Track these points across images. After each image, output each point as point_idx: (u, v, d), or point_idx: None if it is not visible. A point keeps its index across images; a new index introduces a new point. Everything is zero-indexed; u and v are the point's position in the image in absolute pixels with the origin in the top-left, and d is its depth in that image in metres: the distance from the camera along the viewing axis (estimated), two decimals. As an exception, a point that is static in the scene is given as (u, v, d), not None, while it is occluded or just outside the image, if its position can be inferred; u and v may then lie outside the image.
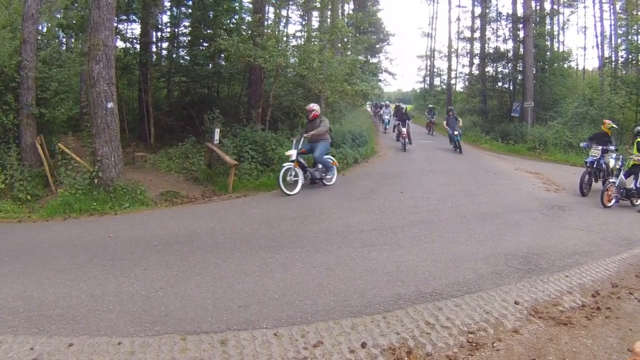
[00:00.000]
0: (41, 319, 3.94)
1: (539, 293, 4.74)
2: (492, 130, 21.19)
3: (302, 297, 4.49)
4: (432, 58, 41.02)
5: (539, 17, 22.42)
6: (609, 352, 3.63)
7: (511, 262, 5.59)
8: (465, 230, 6.90)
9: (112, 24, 8.92)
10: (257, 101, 13.02)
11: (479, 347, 3.65)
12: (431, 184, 10.57)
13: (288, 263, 5.41)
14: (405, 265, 5.38)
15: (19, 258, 5.48)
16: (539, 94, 20.74)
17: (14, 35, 10.87)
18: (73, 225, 7.07)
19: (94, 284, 4.72)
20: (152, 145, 13.80)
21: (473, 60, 28.85)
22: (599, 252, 6.15)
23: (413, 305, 4.35)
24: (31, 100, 9.71)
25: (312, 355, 3.49)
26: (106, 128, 8.54)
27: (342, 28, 13.88)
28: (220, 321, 3.98)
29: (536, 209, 8.45)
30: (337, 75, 13.04)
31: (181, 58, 16.62)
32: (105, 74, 8.50)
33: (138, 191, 8.55)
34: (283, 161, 9.92)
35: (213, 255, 5.63)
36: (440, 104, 34.94)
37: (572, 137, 16.82)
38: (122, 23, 14.52)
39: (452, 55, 34.82)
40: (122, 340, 3.63)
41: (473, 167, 13.43)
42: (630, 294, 4.77)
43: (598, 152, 9.89)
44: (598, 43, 25.68)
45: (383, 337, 3.77)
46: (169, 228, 6.86)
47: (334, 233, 6.64)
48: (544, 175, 12.20)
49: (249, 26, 13.89)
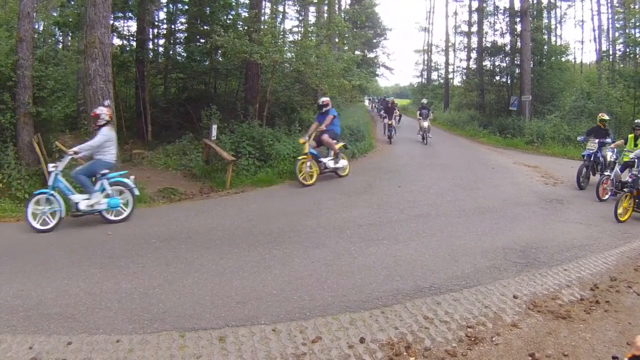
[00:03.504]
0: (40, 317, 3.94)
1: (538, 287, 4.74)
2: (489, 124, 21.18)
3: (301, 292, 4.49)
4: (430, 52, 41.01)
5: (537, 10, 22.37)
6: (608, 346, 3.64)
7: (510, 256, 5.60)
8: (464, 225, 6.90)
9: (108, 22, 8.88)
10: (254, 97, 12.98)
11: (478, 342, 3.65)
12: (429, 178, 10.57)
13: (286, 259, 5.41)
14: (404, 260, 5.38)
15: (17, 257, 5.46)
16: (536, 87, 20.73)
17: (10, 33, 10.77)
18: (71, 223, 7.04)
19: (92, 281, 4.71)
20: (150, 142, 13.73)
21: (470, 55, 28.84)
22: (598, 245, 6.16)
23: (411, 300, 4.36)
24: (28, 99, 9.64)
25: (310, 351, 3.49)
26: (103, 126, 8.49)
27: (339, 23, 13.82)
28: (219, 317, 3.98)
29: (534, 202, 8.46)
30: (334, 71, 13.00)
31: (178, 55, 16.54)
32: (102, 72, 8.46)
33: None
34: (282, 155, 10.76)
35: (211, 252, 5.63)
36: (437, 98, 34.90)
37: (569, 130, 16.81)
38: (118, 20, 14.40)
39: (450, 49, 34.87)
40: (121, 338, 3.63)
41: (471, 161, 13.42)
42: (629, 288, 4.78)
43: (595, 145, 9.88)
44: (595, 36, 25.69)
45: (382, 332, 3.77)
46: (167, 225, 6.85)
47: (332, 228, 6.64)
48: (542, 169, 12.21)
49: (245, 22, 13.80)
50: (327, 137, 10.10)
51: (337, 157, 10.32)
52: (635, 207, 7.53)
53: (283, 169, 10.62)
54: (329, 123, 10.12)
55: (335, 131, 10.42)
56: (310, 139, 9.96)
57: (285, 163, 10.77)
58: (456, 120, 25.23)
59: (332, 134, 10.23)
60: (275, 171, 10.51)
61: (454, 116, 26.59)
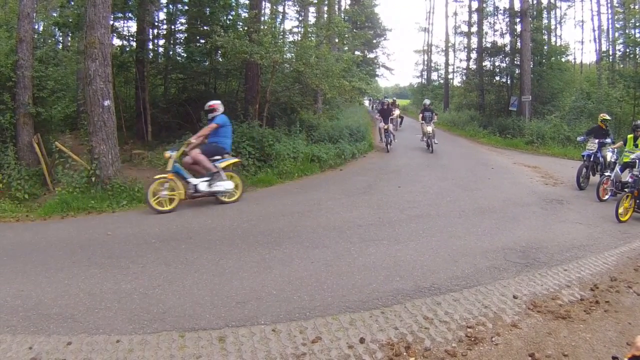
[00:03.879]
0: (40, 317, 3.94)
1: (538, 287, 4.74)
2: (489, 124, 21.19)
3: (301, 292, 4.49)
4: (430, 53, 41.04)
5: (536, 11, 22.36)
6: (607, 346, 3.64)
7: (510, 256, 5.60)
8: (464, 225, 6.90)
9: (108, 22, 8.88)
10: (254, 97, 12.98)
11: (478, 342, 3.65)
12: (429, 178, 10.57)
13: (286, 259, 5.41)
14: (404, 260, 5.38)
15: (17, 257, 5.46)
16: (536, 88, 20.73)
17: (10, 34, 10.80)
18: (71, 223, 7.05)
19: (92, 282, 4.71)
20: (150, 143, 13.73)
21: (470, 55, 28.82)
22: (598, 245, 6.15)
23: (411, 300, 4.35)
24: (28, 99, 9.67)
25: (310, 351, 3.49)
26: (103, 126, 8.52)
27: (339, 23, 13.81)
28: (219, 318, 3.98)
29: (534, 202, 8.46)
30: (334, 71, 13.01)
31: (178, 55, 16.52)
32: (102, 72, 8.46)
33: (136, 189, 8.53)
34: (282, 155, 10.76)
35: (211, 252, 5.63)
36: (438, 99, 34.87)
37: (569, 131, 16.81)
38: (118, 20, 14.40)
39: (450, 49, 34.89)
40: (121, 338, 3.63)
41: (471, 162, 13.43)
42: (629, 288, 4.78)
43: (595, 145, 9.89)
44: (595, 37, 25.75)
45: (381, 333, 3.77)
46: (167, 225, 6.85)
47: (332, 228, 6.64)
48: (542, 169, 12.21)
49: (245, 22, 13.80)
50: (196, 154, 7.98)
51: (213, 179, 8.02)
52: (636, 207, 7.54)
53: (283, 169, 10.63)
54: (207, 134, 8.26)
55: (221, 144, 8.33)
56: (177, 154, 8.05)
57: (285, 163, 10.78)
58: (456, 121, 25.25)
59: (213, 148, 8.23)
60: (275, 171, 10.52)
61: (454, 116, 26.60)
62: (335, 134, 13.88)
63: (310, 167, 11.36)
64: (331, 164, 12.05)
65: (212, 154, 8.15)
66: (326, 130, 13.99)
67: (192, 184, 7.91)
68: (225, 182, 8.11)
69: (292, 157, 11.20)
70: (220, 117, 8.35)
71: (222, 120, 8.33)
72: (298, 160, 11.26)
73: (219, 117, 8.34)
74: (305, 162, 11.39)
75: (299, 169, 11.00)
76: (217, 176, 8.04)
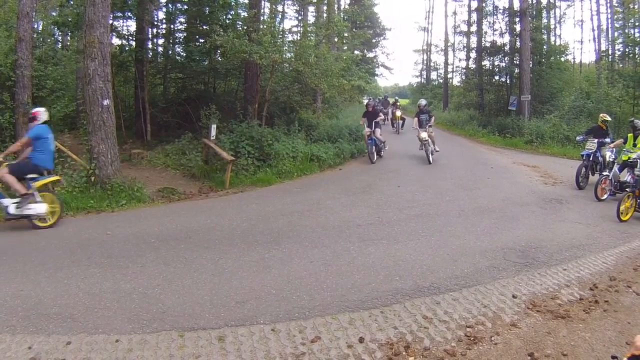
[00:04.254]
0: (39, 317, 3.93)
1: (537, 286, 4.75)
2: (489, 123, 21.15)
3: (300, 292, 4.49)
4: (429, 52, 41.04)
5: (536, 10, 22.32)
6: (607, 346, 3.64)
7: (509, 255, 5.60)
8: (463, 224, 6.90)
9: (108, 21, 8.87)
10: (254, 97, 12.98)
11: (477, 341, 3.66)
12: (428, 178, 10.57)
13: (285, 258, 5.41)
14: (403, 260, 5.38)
15: (16, 257, 5.45)
16: (536, 87, 20.71)
17: (9, 33, 10.80)
18: (70, 223, 7.04)
19: (92, 281, 4.71)
20: (149, 142, 13.72)
21: (470, 54, 28.76)
22: (597, 245, 6.16)
23: (411, 300, 4.36)
24: (27, 99, 9.66)
25: (309, 351, 3.49)
26: (102, 125, 8.51)
27: (338, 23, 13.81)
28: (218, 317, 3.98)
29: (534, 202, 8.46)
30: (333, 70, 13.00)
31: (177, 54, 16.50)
32: (101, 71, 8.46)
33: (135, 188, 8.53)
34: (282, 154, 10.81)
35: (210, 252, 5.63)
36: (437, 98, 34.85)
37: (569, 130, 16.81)
38: (118, 20, 14.38)
39: (449, 49, 34.83)
40: (120, 338, 3.62)
41: (470, 161, 13.42)
42: (629, 287, 4.79)
43: (594, 145, 9.89)
44: (595, 36, 25.69)
45: (381, 332, 3.77)
46: (166, 225, 6.85)
47: (331, 228, 6.64)
48: (541, 169, 12.21)
49: (244, 22, 13.79)
50: (2, 173, 6.66)
51: (25, 200, 6.65)
52: (637, 207, 7.55)
53: (282, 168, 10.64)
54: (15, 150, 7.16)
55: (34, 161, 6.91)
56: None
57: (284, 163, 10.78)
58: (455, 120, 25.22)
59: (24, 165, 6.90)
60: (275, 171, 10.53)
61: (453, 116, 26.56)
62: (334, 133, 13.87)
63: (309, 166, 11.37)
64: (330, 164, 12.05)
65: (25, 172, 6.84)
66: (325, 130, 13.99)
67: (4, 204, 6.71)
68: (37, 205, 6.71)
69: (292, 156, 11.21)
70: (36, 128, 6.94)
71: (36, 132, 6.89)
72: (297, 160, 11.27)
73: (36, 127, 6.94)
74: (305, 162, 11.40)
75: (298, 168, 11.00)
76: (28, 197, 6.69)
